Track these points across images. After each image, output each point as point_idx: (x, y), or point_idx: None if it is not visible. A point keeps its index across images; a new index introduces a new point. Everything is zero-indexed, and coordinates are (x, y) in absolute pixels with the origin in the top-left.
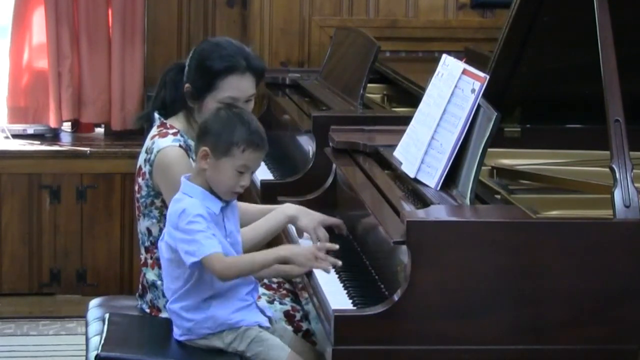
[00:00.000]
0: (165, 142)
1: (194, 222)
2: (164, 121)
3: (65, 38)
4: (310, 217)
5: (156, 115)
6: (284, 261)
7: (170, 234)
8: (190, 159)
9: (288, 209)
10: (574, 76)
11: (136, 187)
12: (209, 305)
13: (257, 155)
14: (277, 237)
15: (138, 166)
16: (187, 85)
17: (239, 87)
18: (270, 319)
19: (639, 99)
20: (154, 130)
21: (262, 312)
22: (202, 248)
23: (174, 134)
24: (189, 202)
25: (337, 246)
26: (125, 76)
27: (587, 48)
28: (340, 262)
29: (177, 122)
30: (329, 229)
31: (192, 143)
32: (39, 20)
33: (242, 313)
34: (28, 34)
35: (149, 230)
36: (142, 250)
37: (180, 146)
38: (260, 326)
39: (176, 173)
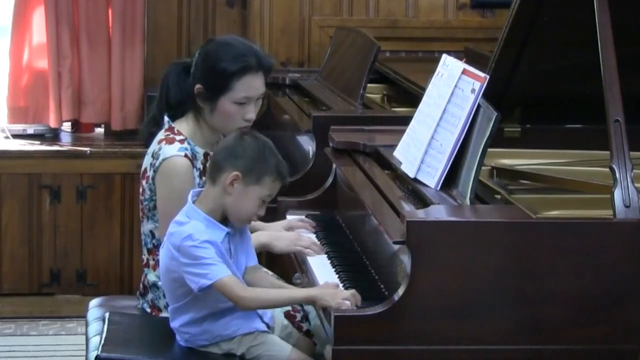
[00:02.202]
0: (171, 150)
1: (202, 248)
2: (172, 125)
3: (65, 38)
4: (283, 239)
5: (165, 118)
6: (313, 302)
7: (172, 255)
8: (194, 168)
9: (260, 236)
10: (574, 76)
11: (140, 190)
12: (205, 321)
13: (279, 187)
14: (288, 259)
15: (143, 168)
16: (198, 86)
17: (253, 87)
18: (267, 325)
19: (639, 99)
20: (161, 134)
21: (261, 317)
22: (216, 270)
23: (181, 141)
24: (194, 226)
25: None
26: (125, 76)
27: (587, 48)
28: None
29: (185, 125)
30: (337, 240)
31: (198, 150)
32: (39, 20)
33: (239, 321)
34: (28, 34)
35: (152, 233)
36: (145, 252)
37: (185, 155)
38: (257, 331)
39: (177, 185)
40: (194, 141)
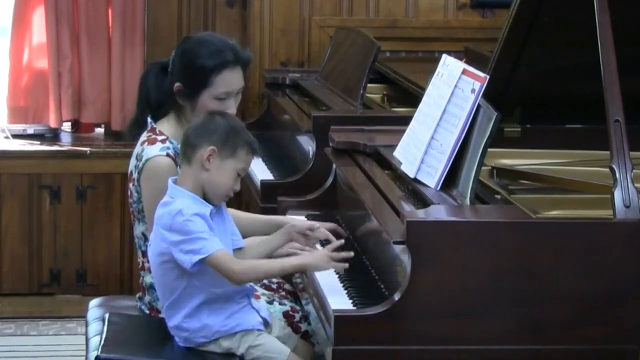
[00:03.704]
0: (154, 150)
1: (192, 221)
2: (154, 126)
3: (65, 38)
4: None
5: (148, 119)
6: (301, 269)
7: (162, 237)
8: (178, 167)
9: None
10: (574, 76)
11: (128, 192)
12: (202, 314)
13: (251, 160)
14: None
15: (129, 171)
16: (177, 84)
17: (232, 81)
18: (265, 320)
19: (639, 99)
20: (144, 136)
21: (258, 312)
22: (207, 245)
23: (163, 140)
24: (182, 202)
25: (343, 241)
26: (125, 76)
27: (587, 48)
28: (351, 256)
29: (166, 125)
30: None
31: None
32: (39, 20)
33: (236, 317)
34: (28, 34)
35: (144, 235)
36: (139, 255)
37: (168, 155)
38: (256, 329)
39: (161, 184)
40: (176, 140)
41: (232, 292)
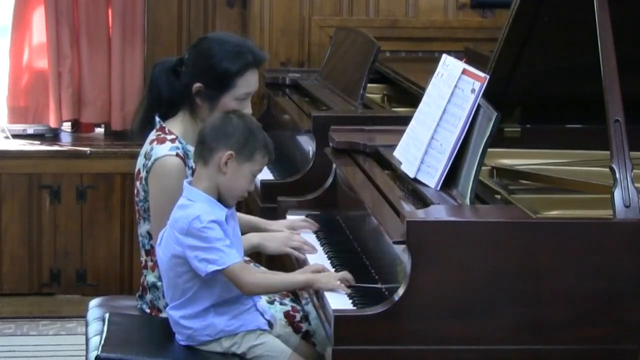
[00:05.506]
0: (163, 150)
1: (210, 228)
2: (163, 125)
3: (65, 38)
4: (275, 240)
5: (156, 118)
6: (311, 286)
7: (178, 240)
8: (187, 167)
9: (252, 237)
10: (574, 76)
11: (135, 191)
12: (208, 313)
13: (267, 162)
14: (288, 259)
15: (137, 169)
16: (198, 85)
17: (252, 82)
18: (269, 322)
19: (639, 99)
20: (153, 135)
21: (262, 314)
22: (225, 257)
23: (172, 140)
24: (200, 207)
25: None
26: (125, 76)
27: (587, 48)
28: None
29: (176, 125)
30: (337, 240)
31: (190, 148)
32: (39, 20)
33: (241, 318)
34: (28, 34)
35: (149, 234)
36: (143, 253)
37: (177, 155)
38: (260, 329)
39: (169, 184)
40: (186, 140)
41: (239, 295)
